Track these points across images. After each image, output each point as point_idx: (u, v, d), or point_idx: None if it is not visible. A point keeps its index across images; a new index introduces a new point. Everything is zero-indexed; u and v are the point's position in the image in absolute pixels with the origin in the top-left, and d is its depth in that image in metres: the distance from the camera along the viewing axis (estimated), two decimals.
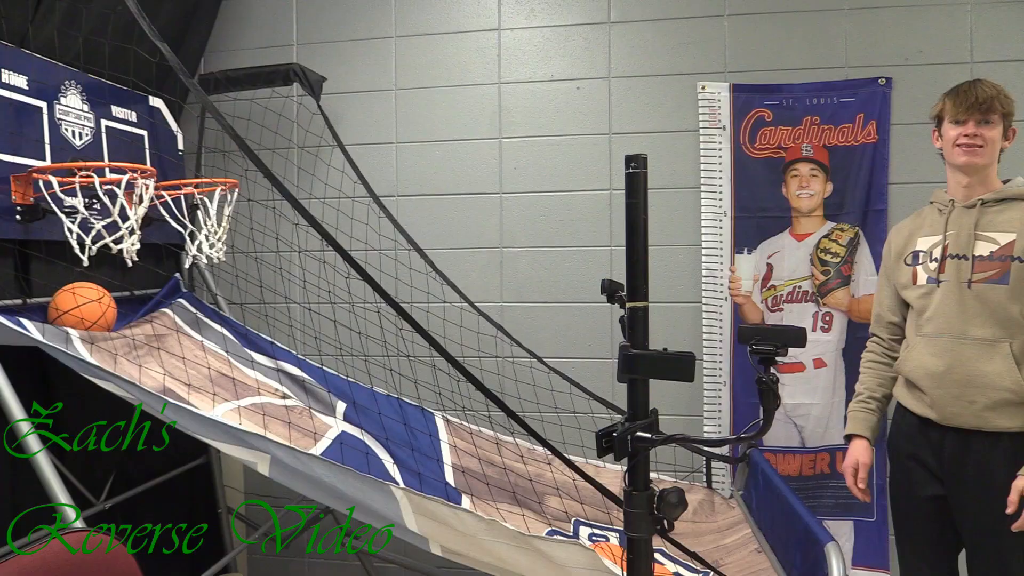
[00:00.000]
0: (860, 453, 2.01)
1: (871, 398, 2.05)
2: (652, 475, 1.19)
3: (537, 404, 2.72)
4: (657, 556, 2.03)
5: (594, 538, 2.15)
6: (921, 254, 1.91)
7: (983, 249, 1.80)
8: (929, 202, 2.01)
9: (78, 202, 1.96)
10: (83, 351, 1.84)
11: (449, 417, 2.53)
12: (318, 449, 1.93)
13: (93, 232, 1.99)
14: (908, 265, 1.94)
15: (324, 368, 2.48)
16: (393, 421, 2.29)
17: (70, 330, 1.92)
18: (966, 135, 1.84)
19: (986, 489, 1.76)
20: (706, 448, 2.45)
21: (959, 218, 1.85)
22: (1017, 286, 1.75)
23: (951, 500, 1.85)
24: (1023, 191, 1.82)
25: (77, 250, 1.98)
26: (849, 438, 2.07)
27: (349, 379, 2.48)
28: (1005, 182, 1.88)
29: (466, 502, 2.00)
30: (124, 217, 2.03)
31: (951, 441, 1.82)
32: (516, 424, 1.60)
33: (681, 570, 2.01)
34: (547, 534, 1.97)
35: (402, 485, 1.76)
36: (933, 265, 1.86)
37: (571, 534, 2.13)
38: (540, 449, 2.34)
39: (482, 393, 1.57)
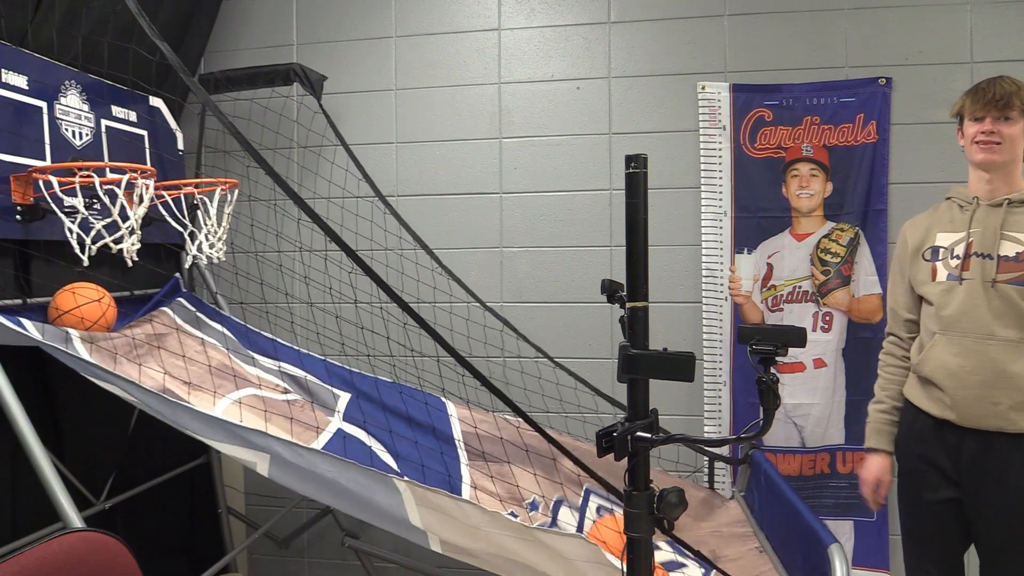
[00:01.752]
0: (883, 471, 2.00)
1: (895, 408, 2.01)
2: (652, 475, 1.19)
3: (543, 397, 2.73)
4: (662, 543, 2.03)
5: (602, 511, 2.14)
6: (941, 250, 1.88)
7: (1009, 250, 1.78)
8: (946, 198, 1.98)
9: (78, 202, 1.96)
10: (83, 351, 1.84)
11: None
12: (320, 442, 1.93)
13: (93, 232, 1.99)
14: (926, 261, 1.91)
15: (326, 360, 2.47)
16: (397, 404, 2.28)
17: (70, 330, 1.92)
18: (983, 132, 1.82)
19: (1006, 492, 1.75)
20: (707, 448, 2.45)
21: (984, 217, 1.83)
22: None
23: (967, 503, 1.83)
24: None
25: (77, 250, 1.98)
26: (870, 449, 2.04)
27: (352, 369, 2.47)
28: None
29: (467, 491, 1.99)
30: (124, 217, 2.03)
31: (971, 443, 1.80)
32: (522, 419, 1.60)
33: (679, 557, 2.00)
34: (555, 501, 1.96)
35: (405, 477, 1.75)
36: (955, 262, 1.83)
37: (581, 502, 2.12)
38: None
39: (488, 389, 1.57)
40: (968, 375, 1.78)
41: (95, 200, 1.98)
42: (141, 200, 2.06)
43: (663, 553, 2.01)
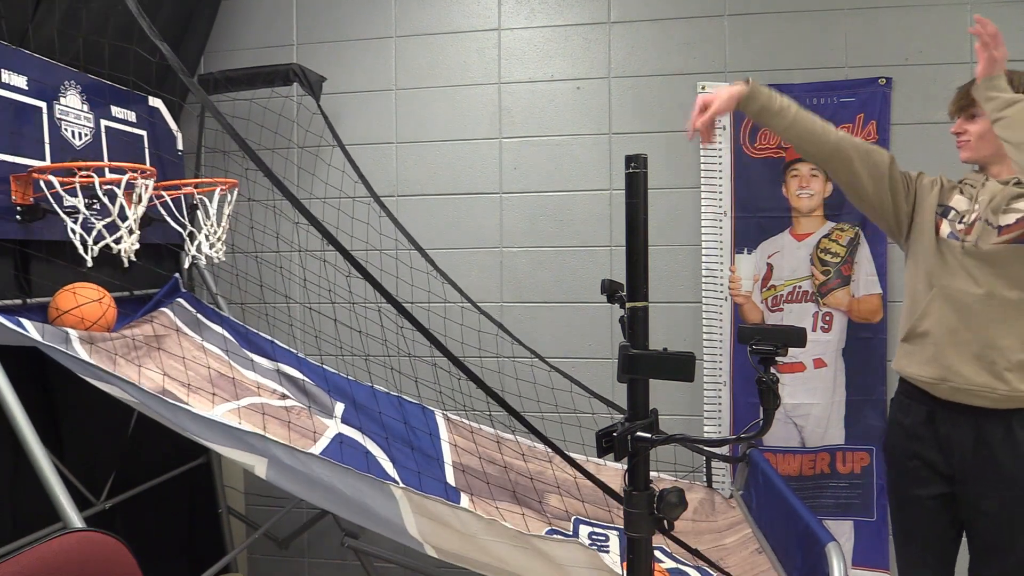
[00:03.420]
0: (730, 98, 1.84)
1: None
2: (652, 474, 1.19)
3: (538, 402, 2.72)
4: (656, 554, 2.03)
5: (594, 537, 2.15)
6: (953, 211, 1.86)
7: (1009, 219, 1.76)
8: (959, 181, 1.94)
9: (79, 202, 1.96)
10: (82, 352, 1.84)
11: (449, 415, 2.53)
12: (317, 448, 1.93)
13: (95, 232, 1.99)
14: (937, 215, 1.88)
15: (324, 367, 2.48)
16: (393, 420, 2.29)
17: (70, 330, 1.92)
18: (954, 131, 1.88)
19: (999, 486, 1.74)
20: (706, 448, 2.45)
21: (992, 189, 1.81)
22: None
23: (960, 498, 1.82)
24: None
25: (81, 251, 1.98)
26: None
27: (349, 377, 2.48)
28: None
29: (465, 501, 2.00)
30: (123, 217, 2.04)
31: (962, 433, 1.78)
32: (517, 422, 1.59)
33: (679, 566, 2.01)
34: (546, 533, 1.96)
35: (401, 484, 1.75)
36: (961, 225, 1.82)
37: (571, 533, 2.12)
38: (541, 447, 2.34)
39: (483, 391, 1.57)
40: (966, 331, 1.76)
41: (95, 200, 1.98)
42: (140, 200, 2.06)
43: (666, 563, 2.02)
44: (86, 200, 1.97)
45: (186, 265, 2.60)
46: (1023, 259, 1.73)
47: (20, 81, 2.02)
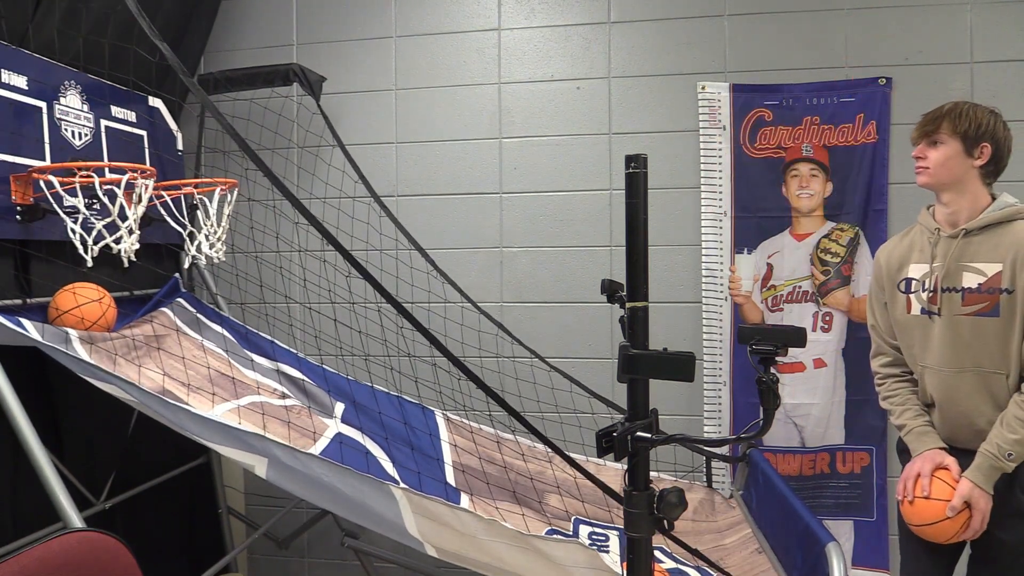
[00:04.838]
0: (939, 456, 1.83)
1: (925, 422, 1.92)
2: (652, 474, 1.19)
3: (538, 403, 2.72)
4: (656, 554, 2.03)
5: (594, 537, 2.15)
6: (914, 282, 1.88)
7: (971, 281, 1.77)
8: (918, 222, 1.96)
9: (79, 202, 1.96)
10: (82, 351, 1.84)
11: (449, 415, 2.53)
12: (317, 448, 1.93)
13: (94, 232, 1.99)
14: (902, 292, 1.91)
15: (324, 367, 2.48)
16: (393, 420, 2.29)
17: (70, 330, 1.92)
18: (914, 156, 1.86)
19: (1003, 517, 1.75)
20: (706, 448, 2.45)
21: (946, 248, 1.81)
22: (1008, 318, 1.73)
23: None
24: (1005, 214, 1.77)
25: (81, 251, 1.98)
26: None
27: (349, 377, 2.48)
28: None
29: (465, 501, 2.00)
30: (123, 217, 2.04)
31: (965, 463, 1.79)
32: (517, 422, 1.59)
33: (679, 566, 2.01)
34: (546, 533, 1.96)
35: (401, 484, 1.75)
36: (926, 295, 1.84)
37: (571, 533, 2.12)
38: (541, 447, 2.34)
39: (484, 392, 1.57)
40: (952, 406, 1.81)
41: (95, 200, 1.98)
42: (140, 200, 2.06)
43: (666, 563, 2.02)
44: (86, 200, 1.97)
45: (186, 265, 2.60)
46: (993, 332, 1.74)
47: (20, 81, 2.02)
